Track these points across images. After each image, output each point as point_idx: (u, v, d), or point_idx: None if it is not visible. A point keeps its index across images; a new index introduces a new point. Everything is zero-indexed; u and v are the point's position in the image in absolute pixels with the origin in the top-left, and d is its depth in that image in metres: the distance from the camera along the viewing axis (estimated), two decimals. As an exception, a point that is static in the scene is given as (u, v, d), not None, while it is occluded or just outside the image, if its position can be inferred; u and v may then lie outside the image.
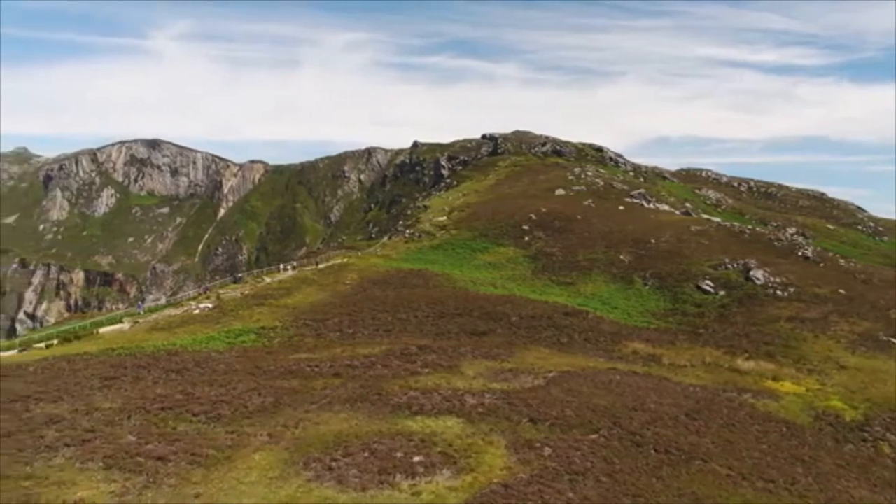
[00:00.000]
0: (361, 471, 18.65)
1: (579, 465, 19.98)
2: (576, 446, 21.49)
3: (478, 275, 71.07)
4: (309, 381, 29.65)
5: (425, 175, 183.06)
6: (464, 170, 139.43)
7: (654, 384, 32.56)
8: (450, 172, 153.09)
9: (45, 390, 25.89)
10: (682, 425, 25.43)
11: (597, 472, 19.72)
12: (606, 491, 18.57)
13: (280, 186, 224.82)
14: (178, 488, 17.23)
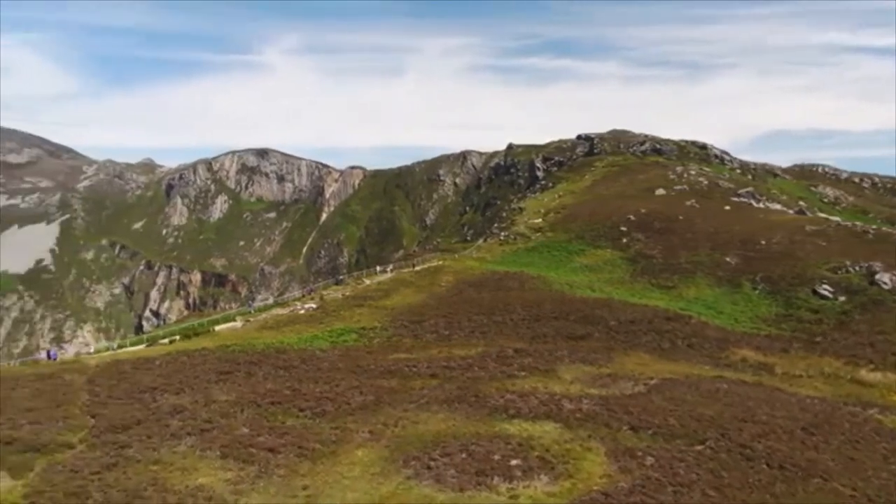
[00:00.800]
0: (459, 471, 18.81)
1: (684, 476, 19.14)
2: (680, 457, 20.60)
3: (574, 277, 69.78)
4: (407, 380, 30.27)
5: (520, 177, 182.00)
6: (559, 171, 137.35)
7: (765, 395, 30.61)
8: (545, 174, 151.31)
9: (169, 382, 28.01)
10: (797, 440, 23.74)
11: (703, 484, 18.82)
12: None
13: (378, 191, 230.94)
14: (287, 479, 18.11)
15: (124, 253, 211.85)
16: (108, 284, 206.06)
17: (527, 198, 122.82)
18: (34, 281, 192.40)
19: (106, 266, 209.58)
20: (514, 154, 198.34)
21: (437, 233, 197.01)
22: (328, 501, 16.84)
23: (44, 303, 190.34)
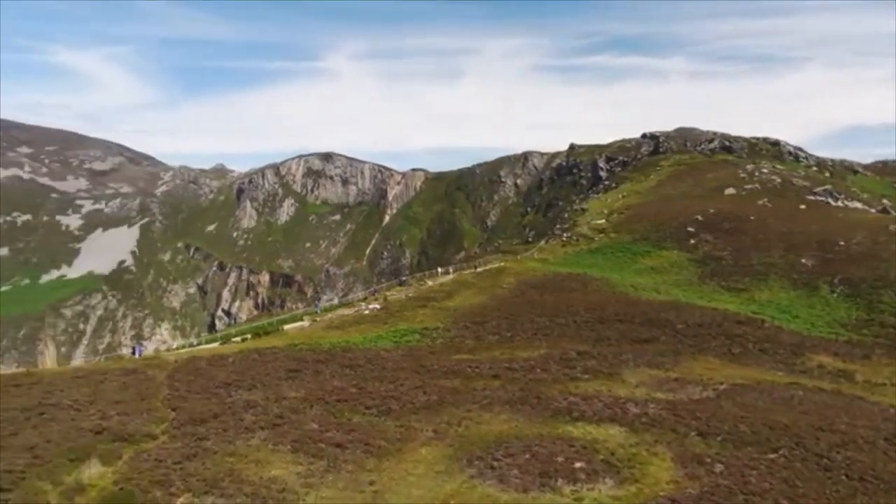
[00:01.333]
0: (523, 472, 18.87)
1: (755, 484, 18.54)
2: (751, 465, 19.95)
3: (639, 279, 68.43)
4: (470, 381, 30.49)
5: (582, 177, 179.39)
6: (623, 171, 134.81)
7: (845, 403, 29.18)
8: (608, 174, 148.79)
9: (242, 379, 29.23)
10: (880, 451, 22.54)
11: (776, 493, 18.17)
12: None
13: (440, 193, 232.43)
14: (355, 475, 18.64)
15: (198, 255, 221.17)
16: (183, 285, 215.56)
17: (590, 198, 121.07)
18: (117, 281, 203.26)
19: (181, 267, 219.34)
20: (577, 154, 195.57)
21: (498, 234, 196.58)
22: (394, 498, 17.24)
23: (125, 302, 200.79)
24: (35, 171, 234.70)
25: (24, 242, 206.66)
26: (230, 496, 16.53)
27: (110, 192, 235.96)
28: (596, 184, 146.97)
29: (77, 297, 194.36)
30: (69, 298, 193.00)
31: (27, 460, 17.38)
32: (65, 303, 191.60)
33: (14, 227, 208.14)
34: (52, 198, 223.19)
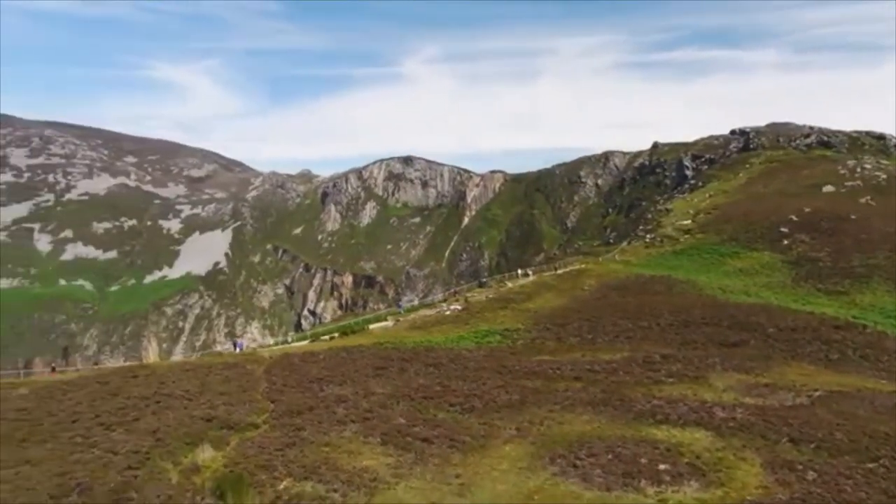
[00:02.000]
0: (605, 472, 19.12)
1: (851, 494, 17.95)
2: (847, 474, 19.28)
3: (727, 282, 66.20)
4: (551, 382, 30.79)
5: (666, 177, 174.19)
6: (710, 169, 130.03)
7: (956, 414, 27.34)
8: (694, 173, 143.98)
9: (333, 374, 30.85)
10: None
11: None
12: (887, 527, 16.44)
13: (518, 194, 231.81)
14: (441, 467, 19.50)
15: (286, 256, 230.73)
16: (272, 285, 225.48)
17: (674, 198, 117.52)
18: (212, 282, 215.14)
19: (270, 268, 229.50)
20: (660, 153, 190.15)
21: (578, 235, 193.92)
22: (480, 491, 17.95)
23: (219, 301, 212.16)
24: (140, 179, 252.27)
25: (130, 246, 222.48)
26: (327, 482, 17.77)
27: (206, 198, 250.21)
28: (681, 183, 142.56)
29: (177, 296, 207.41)
30: (170, 298, 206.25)
31: (151, 443, 19.38)
32: (166, 302, 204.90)
33: (122, 231, 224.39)
34: (154, 204, 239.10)
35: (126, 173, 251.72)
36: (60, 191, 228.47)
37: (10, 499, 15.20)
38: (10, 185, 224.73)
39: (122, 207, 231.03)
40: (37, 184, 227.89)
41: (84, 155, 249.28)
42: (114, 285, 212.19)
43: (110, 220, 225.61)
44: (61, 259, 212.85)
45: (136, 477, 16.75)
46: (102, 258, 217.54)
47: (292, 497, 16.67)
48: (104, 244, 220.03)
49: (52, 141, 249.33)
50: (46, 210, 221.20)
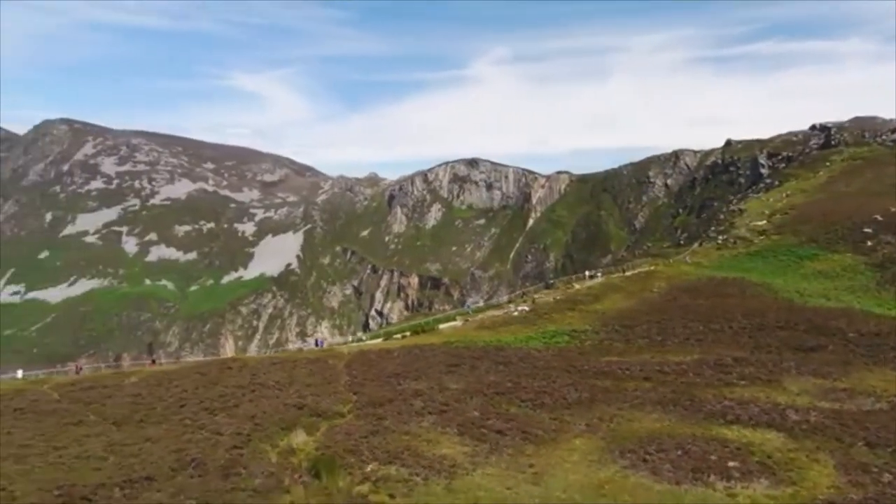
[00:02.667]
0: (675, 467, 19.79)
1: (929, 497, 17.92)
2: (926, 477, 19.18)
3: (805, 285, 64.23)
4: (620, 382, 31.38)
5: (740, 175, 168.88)
6: (787, 167, 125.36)
7: None
8: (770, 171, 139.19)
9: (408, 370, 32.50)
10: None
11: (954, 508, 17.45)
12: (966, 530, 16.44)
13: (585, 195, 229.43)
14: (515, 457, 20.68)
15: (354, 258, 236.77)
16: (340, 286, 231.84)
17: (748, 198, 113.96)
18: (284, 282, 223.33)
19: (339, 270, 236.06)
20: (734, 151, 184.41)
21: (647, 237, 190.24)
22: (552, 480, 19.02)
23: (291, 301, 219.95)
24: (217, 184, 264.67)
25: (209, 248, 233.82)
26: (410, 466, 19.27)
27: (278, 202, 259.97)
28: (756, 182, 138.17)
29: (251, 296, 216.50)
30: (245, 297, 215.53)
31: (251, 427, 21.45)
32: (241, 301, 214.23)
33: (201, 234, 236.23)
34: (230, 207, 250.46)
35: (205, 179, 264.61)
36: (146, 196, 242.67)
37: (140, 469, 17.43)
38: (100, 191, 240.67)
39: (201, 211, 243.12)
40: (124, 190, 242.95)
41: (167, 162, 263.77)
42: (193, 285, 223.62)
43: (190, 223, 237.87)
44: (146, 260, 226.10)
45: (241, 455, 18.77)
46: (183, 259, 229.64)
47: (379, 479, 18.25)
48: (185, 246, 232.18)
49: (138, 149, 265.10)
50: (133, 214, 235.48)
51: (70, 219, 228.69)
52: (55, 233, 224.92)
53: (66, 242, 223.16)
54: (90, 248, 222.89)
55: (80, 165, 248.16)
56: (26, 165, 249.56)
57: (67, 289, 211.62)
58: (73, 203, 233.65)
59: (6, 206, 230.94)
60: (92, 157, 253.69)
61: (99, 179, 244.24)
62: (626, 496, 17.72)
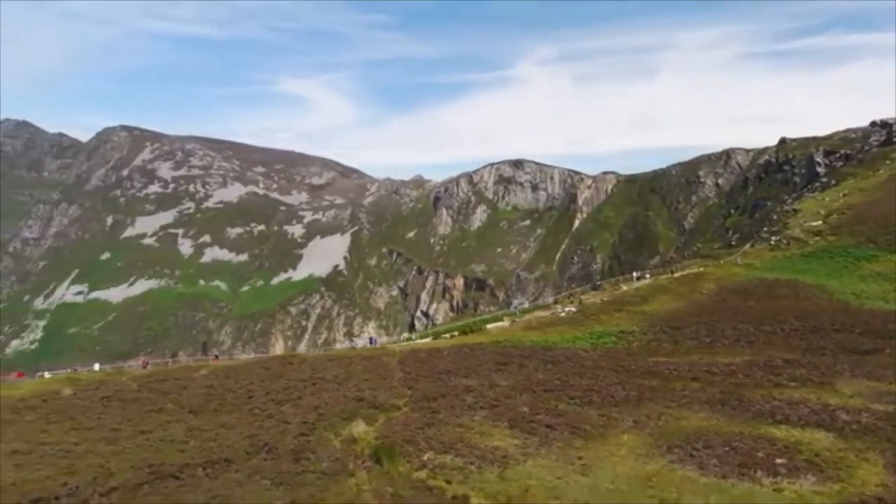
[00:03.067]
0: (722, 462, 20.40)
1: (981, 496, 18.06)
2: (979, 478, 19.27)
3: (862, 287, 62.71)
4: (668, 381, 31.85)
5: (795, 175, 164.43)
6: (845, 166, 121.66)
7: None
8: (826, 170, 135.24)
9: (458, 368, 33.72)
10: None
11: None
12: None
13: (632, 195, 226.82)
14: (564, 450, 21.62)
15: (400, 259, 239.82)
16: (387, 287, 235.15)
17: (803, 198, 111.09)
18: (332, 283, 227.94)
19: (385, 271, 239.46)
20: (788, 149, 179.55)
21: (697, 237, 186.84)
22: (601, 472, 19.90)
23: (339, 302, 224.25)
24: (267, 187, 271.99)
25: (260, 249, 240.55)
26: (464, 456, 20.45)
27: (326, 204, 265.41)
28: (811, 181, 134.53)
29: (300, 297, 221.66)
30: (294, 298, 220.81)
31: (315, 416, 22.99)
32: (291, 301, 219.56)
33: (252, 236, 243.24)
34: (280, 210, 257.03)
35: (255, 182, 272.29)
36: (200, 199, 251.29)
37: (218, 452, 19.09)
38: (157, 195, 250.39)
39: (252, 214, 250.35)
40: (180, 193, 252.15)
41: (219, 166, 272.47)
42: (245, 286, 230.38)
43: (242, 225, 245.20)
44: (200, 262, 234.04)
45: (308, 442, 20.30)
46: (235, 261, 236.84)
47: (436, 466, 19.49)
48: (237, 248, 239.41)
49: (193, 154, 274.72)
50: (188, 217, 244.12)
51: (129, 222, 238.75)
52: (116, 235, 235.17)
53: (126, 244, 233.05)
54: (148, 250, 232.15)
55: (139, 170, 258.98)
56: (89, 171, 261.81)
57: (127, 289, 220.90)
58: (132, 206, 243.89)
59: (71, 209, 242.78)
60: (149, 162, 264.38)
61: (156, 184, 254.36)
62: (673, 489, 18.47)
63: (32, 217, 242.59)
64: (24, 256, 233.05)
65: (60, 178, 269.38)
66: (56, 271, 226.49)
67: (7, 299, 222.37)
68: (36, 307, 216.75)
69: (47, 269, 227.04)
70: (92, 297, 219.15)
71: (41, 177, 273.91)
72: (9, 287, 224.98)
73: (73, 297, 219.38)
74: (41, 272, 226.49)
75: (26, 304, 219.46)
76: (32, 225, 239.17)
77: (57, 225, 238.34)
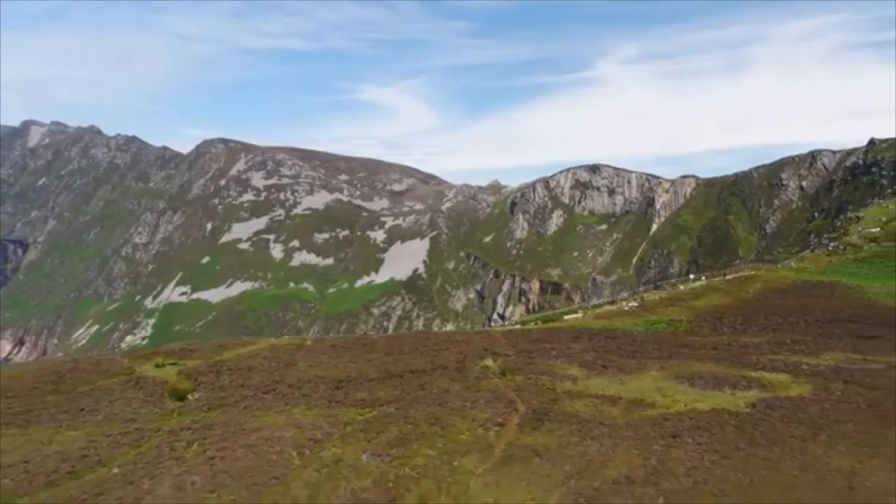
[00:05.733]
0: (706, 384, 35.83)
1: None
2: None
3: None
4: (694, 350, 46.97)
5: (883, 177, 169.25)
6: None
7: None
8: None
9: (544, 338, 49.96)
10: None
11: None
12: None
13: (712, 199, 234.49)
14: (612, 377, 37.57)
15: (477, 263, 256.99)
16: (464, 290, 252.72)
17: (871, 205, 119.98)
18: (412, 286, 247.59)
19: (463, 274, 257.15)
20: (877, 151, 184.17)
21: (779, 242, 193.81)
22: (632, 385, 35.76)
23: (419, 304, 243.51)
24: (351, 194, 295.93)
25: (344, 253, 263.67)
26: (551, 377, 36.77)
27: (406, 210, 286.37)
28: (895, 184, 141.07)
29: (382, 299, 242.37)
30: (376, 300, 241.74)
31: (461, 356, 39.74)
32: (373, 303, 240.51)
33: (337, 241, 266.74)
34: (363, 216, 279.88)
35: (340, 189, 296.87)
36: (289, 206, 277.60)
37: (416, 367, 36.18)
38: (251, 202, 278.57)
39: (337, 220, 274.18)
40: (271, 201, 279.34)
41: (307, 175, 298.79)
42: (331, 288, 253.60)
43: (328, 231, 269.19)
44: (290, 265, 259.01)
45: (463, 366, 37.15)
46: (322, 264, 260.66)
47: (536, 379, 36.01)
48: (323, 252, 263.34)
49: (282, 164, 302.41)
50: (279, 223, 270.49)
51: (226, 228, 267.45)
52: (215, 240, 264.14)
53: (224, 249, 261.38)
54: (243, 254, 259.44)
55: (234, 180, 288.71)
56: (190, 181, 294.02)
57: (225, 290, 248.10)
58: (228, 214, 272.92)
59: (175, 217, 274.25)
60: (244, 172, 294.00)
61: (249, 192, 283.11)
62: (670, 392, 34.24)
63: (141, 224, 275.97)
64: (134, 260, 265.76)
65: (165, 188, 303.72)
66: (163, 274, 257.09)
67: (121, 299, 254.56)
68: (146, 306, 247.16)
69: (155, 272, 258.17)
70: (194, 297, 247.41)
71: (148, 187, 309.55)
72: (122, 288, 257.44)
73: (178, 297, 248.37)
74: (150, 275, 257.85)
75: (137, 303, 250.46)
76: (142, 231, 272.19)
77: (163, 231, 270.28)
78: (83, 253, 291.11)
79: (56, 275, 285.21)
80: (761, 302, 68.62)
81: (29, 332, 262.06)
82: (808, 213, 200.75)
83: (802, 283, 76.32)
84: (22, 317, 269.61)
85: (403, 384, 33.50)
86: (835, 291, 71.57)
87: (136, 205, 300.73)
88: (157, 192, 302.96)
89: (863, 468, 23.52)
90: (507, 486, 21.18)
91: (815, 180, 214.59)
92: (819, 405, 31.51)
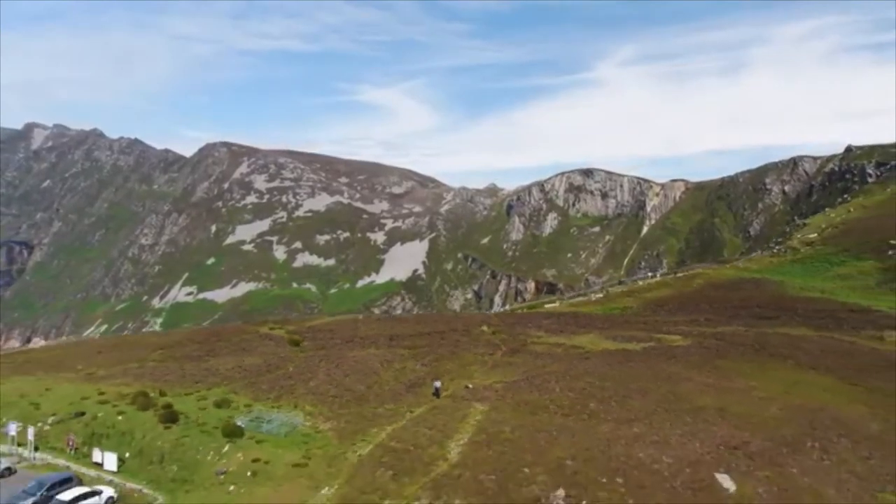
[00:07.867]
0: (622, 340, 59.45)
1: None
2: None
3: (818, 283, 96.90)
4: (629, 324, 70.43)
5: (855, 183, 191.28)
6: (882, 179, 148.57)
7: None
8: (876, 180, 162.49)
9: (526, 318, 73.55)
10: None
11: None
12: None
13: (700, 202, 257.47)
14: (568, 336, 61.19)
15: (474, 264, 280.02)
16: (462, 290, 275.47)
17: (819, 213, 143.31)
18: (412, 286, 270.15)
19: (461, 275, 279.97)
20: (852, 157, 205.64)
21: (761, 244, 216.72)
22: (577, 340, 59.35)
23: (418, 304, 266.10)
24: (351, 196, 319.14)
25: (345, 255, 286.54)
26: (524, 336, 60.25)
27: (405, 212, 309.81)
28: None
29: (383, 298, 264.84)
30: (377, 300, 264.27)
31: (465, 325, 63.20)
32: (374, 303, 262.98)
33: (338, 242, 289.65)
34: (363, 218, 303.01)
35: (340, 192, 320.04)
36: (291, 209, 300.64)
37: (435, 328, 59.48)
38: (254, 205, 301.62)
39: (338, 222, 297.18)
40: (274, 203, 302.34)
41: (308, 177, 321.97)
42: (333, 288, 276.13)
43: (329, 233, 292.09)
44: (293, 266, 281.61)
45: (468, 329, 60.80)
46: (324, 265, 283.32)
47: (514, 337, 59.60)
48: (325, 253, 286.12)
49: (284, 167, 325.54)
50: (281, 225, 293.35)
51: (230, 230, 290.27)
52: (219, 242, 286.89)
53: (228, 250, 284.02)
54: (247, 255, 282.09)
55: (238, 183, 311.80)
56: (194, 184, 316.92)
57: (230, 290, 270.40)
58: (232, 216, 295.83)
59: (180, 219, 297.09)
60: (246, 175, 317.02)
61: (252, 195, 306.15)
62: (597, 343, 57.89)
63: (146, 226, 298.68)
64: (141, 261, 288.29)
65: (168, 191, 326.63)
66: (169, 274, 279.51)
67: (129, 299, 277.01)
68: (154, 306, 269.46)
69: (161, 273, 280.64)
70: (200, 297, 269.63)
71: (151, 189, 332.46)
72: (129, 289, 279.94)
73: (185, 297, 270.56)
74: (156, 275, 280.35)
75: (145, 303, 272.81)
76: (147, 233, 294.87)
77: (168, 233, 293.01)
78: (88, 254, 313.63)
79: (62, 276, 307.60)
80: (699, 294, 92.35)
81: (37, 331, 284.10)
82: (788, 217, 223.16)
83: (738, 279, 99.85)
84: (30, 317, 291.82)
85: (430, 339, 57.23)
86: (759, 286, 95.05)
87: (141, 207, 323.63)
88: (161, 194, 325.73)
89: (689, 374, 46.95)
90: (492, 375, 44.82)
91: (797, 185, 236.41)
92: (685, 349, 55.19)
